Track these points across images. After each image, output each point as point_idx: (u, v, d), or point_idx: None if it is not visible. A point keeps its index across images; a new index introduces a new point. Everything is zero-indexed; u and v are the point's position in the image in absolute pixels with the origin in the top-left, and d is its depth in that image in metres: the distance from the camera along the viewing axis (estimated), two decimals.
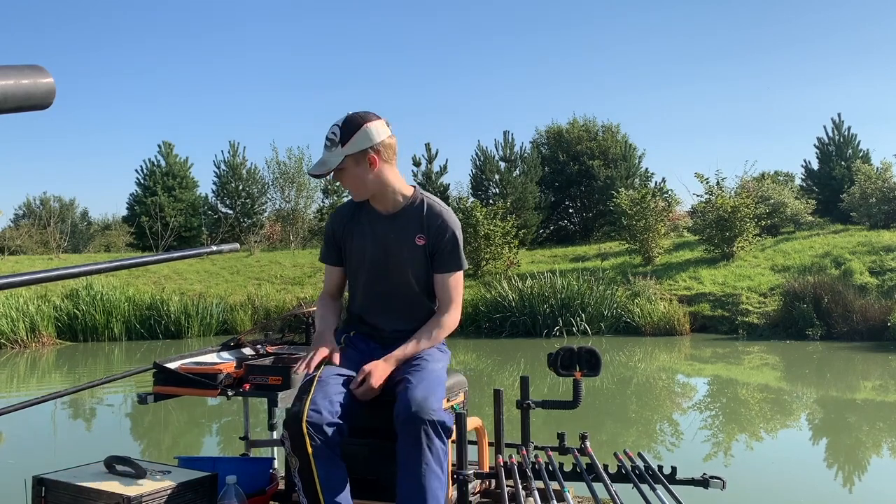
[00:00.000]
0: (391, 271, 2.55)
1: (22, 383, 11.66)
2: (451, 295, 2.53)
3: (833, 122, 25.04)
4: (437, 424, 2.20)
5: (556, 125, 27.48)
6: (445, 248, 2.51)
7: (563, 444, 2.85)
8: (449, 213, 2.57)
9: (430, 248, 2.52)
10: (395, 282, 2.56)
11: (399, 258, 2.53)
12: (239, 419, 6.95)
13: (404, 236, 2.52)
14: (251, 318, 16.24)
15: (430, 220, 2.53)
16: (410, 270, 2.54)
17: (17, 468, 5.94)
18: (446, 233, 2.51)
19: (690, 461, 6.04)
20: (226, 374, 2.83)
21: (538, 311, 14.99)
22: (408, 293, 2.57)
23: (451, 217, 2.56)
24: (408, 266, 2.53)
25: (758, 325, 14.28)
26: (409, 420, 2.19)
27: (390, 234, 2.54)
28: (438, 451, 2.21)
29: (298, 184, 25.47)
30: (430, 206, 2.55)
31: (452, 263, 2.53)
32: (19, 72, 0.78)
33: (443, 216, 2.54)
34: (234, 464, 2.86)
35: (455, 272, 2.54)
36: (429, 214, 2.53)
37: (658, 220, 18.17)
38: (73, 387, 3.11)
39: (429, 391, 2.26)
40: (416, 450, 2.18)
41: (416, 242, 2.51)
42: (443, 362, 2.52)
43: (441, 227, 2.52)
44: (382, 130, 2.46)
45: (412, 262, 2.53)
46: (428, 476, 2.18)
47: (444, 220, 2.53)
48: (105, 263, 1.28)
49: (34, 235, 26.76)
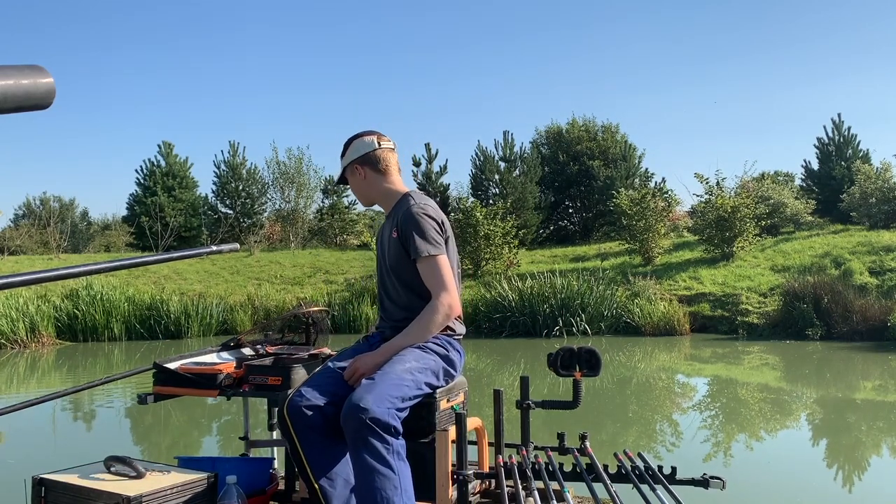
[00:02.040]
0: (387, 269, 2.70)
1: (22, 383, 11.66)
2: (430, 280, 2.55)
3: (833, 122, 25.06)
4: (368, 421, 2.20)
5: (556, 125, 27.50)
6: (407, 235, 2.57)
7: (563, 445, 2.86)
8: (415, 203, 2.62)
9: (401, 239, 2.60)
10: (390, 279, 2.69)
11: (388, 256, 2.69)
12: (239, 419, 6.95)
13: (388, 233, 2.69)
14: (251, 318, 16.24)
15: (397, 213, 2.66)
16: (395, 266, 2.65)
17: (17, 468, 5.95)
18: (406, 220, 2.58)
19: (690, 461, 6.04)
20: (226, 374, 2.84)
21: (538, 311, 14.99)
22: (400, 289, 2.65)
23: (416, 208, 2.59)
24: (393, 262, 2.65)
25: (758, 325, 14.29)
26: (344, 420, 2.25)
27: (384, 235, 2.73)
28: (375, 449, 2.21)
29: (298, 184, 25.48)
30: (403, 200, 2.68)
31: (414, 249, 2.55)
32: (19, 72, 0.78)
33: (407, 206, 2.62)
34: (234, 464, 2.86)
35: (421, 257, 2.54)
36: (398, 207, 2.67)
37: (658, 220, 18.18)
38: (73, 387, 3.11)
39: (368, 391, 2.26)
40: (354, 448, 2.25)
41: (392, 237, 2.64)
42: (414, 362, 2.45)
43: (404, 216, 2.60)
44: (369, 144, 2.72)
45: (395, 258, 2.65)
46: (367, 475, 2.20)
47: (406, 210, 2.60)
48: (105, 263, 1.28)
49: (34, 235, 26.76)
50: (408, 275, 2.61)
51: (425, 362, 2.48)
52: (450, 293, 2.54)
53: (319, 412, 2.31)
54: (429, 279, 2.55)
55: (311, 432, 2.29)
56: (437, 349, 2.56)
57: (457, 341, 2.66)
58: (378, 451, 2.21)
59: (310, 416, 2.29)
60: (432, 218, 2.59)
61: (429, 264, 2.55)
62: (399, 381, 2.35)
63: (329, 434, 2.31)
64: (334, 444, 2.32)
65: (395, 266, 2.64)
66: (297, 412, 2.30)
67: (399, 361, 2.42)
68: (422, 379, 2.44)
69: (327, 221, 26.78)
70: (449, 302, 2.53)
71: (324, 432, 2.31)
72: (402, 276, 2.63)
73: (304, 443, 2.29)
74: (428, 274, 2.55)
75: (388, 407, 2.25)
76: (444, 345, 2.58)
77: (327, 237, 26.54)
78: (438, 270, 2.55)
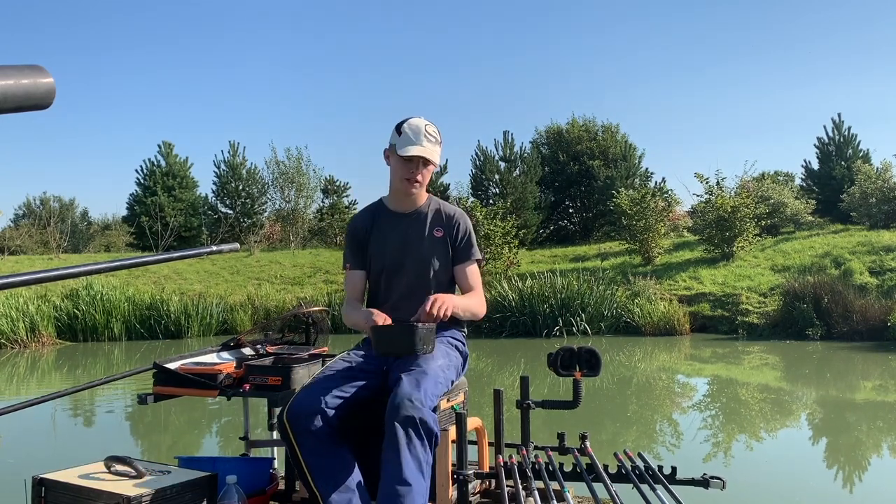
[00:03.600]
0: (412, 263, 2.71)
1: (22, 383, 11.65)
2: (474, 281, 2.76)
3: (833, 122, 25.06)
4: (418, 422, 2.20)
5: (556, 125, 27.50)
6: (463, 237, 2.75)
7: (563, 444, 2.85)
8: (458, 208, 2.87)
9: (450, 239, 2.74)
10: (414, 275, 2.71)
11: (420, 253, 2.70)
12: (239, 419, 6.95)
13: (422, 232, 2.73)
14: (251, 318, 16.23)
15: (443, 215, 2.77)
16: (433, 263, 2.71)
17: (17, 468, 5.94)
18: (461, 224, 2.76)
19: (690, 461, 6.04)
20: (226, 374, 2.83)
21: (538, 311, 14.99)
22: (425, 285, 2.69)
23: (464, 214, 2.84)
24: (430, 258, 2.71)
25: (758, 325, 14.28)
26: (391, 416, 2.22)
27: (410, 231, 2.74)
28: (417, 451, 2.20)
29: (298, 184, 25.47)
30: (439, 202, 2.82)
31: (471, 252, 2.76)
32: (19, 72, 0.78)
33: (453, 209, 2.82)
34: (234, 464, 2.86)
35: (473, 259, 2.76)
36: (442, 209, 2.78)
37: (658, 220, 18.17)
38: (73, 387, 3.11)
39: (416, 388, 2.26)
40: (395, 443, 2.20)
41: (435, 235, 2.73)
42: (445, 359, 2.49)
43: (458, 219, 2.77)
44: None
45: (436, 256, 2.71)
46: (406, 475, 2.17)
47: (459, 213, 2.80)
48: (105, 263, 1.27)
49: (34, 235, 26.76)
50: (440, 275, 2.73)
51: (450, 359, 2.56)
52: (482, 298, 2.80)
53: (319, 418, 2.29)
54: (474, 280, 2.77)
55: (311, 438, 2.28)
56: (458, 345, 2.69)
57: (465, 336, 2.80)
58: (419, 452, 2.21)
59: (310, 421, 2.27)
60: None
61: (476, 267, 2.79)
62: (437, 379, 2.39)
63: (329, 439, 2.30)
64: (335, 449, 2.31)
65: (432, 265, 2.71)
66: (298, 418, 2.28)
67: (433, 357, 2.44)
68: (450, 376, 2.51)
69: (327, 221, 26.79)
70: (483, 303, 2.80)
71: (324, 437, 2.29)
72: (436, 275, 2.72)
73: (304, 448, 2.28)
74: (475, 275, 2.78)
75: (431, 406, 2.29)
76: (463, 340, 2.74)
77: (327, 237, 26.55)
78: (479, 273, 2.82)
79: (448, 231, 2.73)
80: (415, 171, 2.65)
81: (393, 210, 2.77)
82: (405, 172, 2.65)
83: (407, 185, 2.67)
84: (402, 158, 2.62)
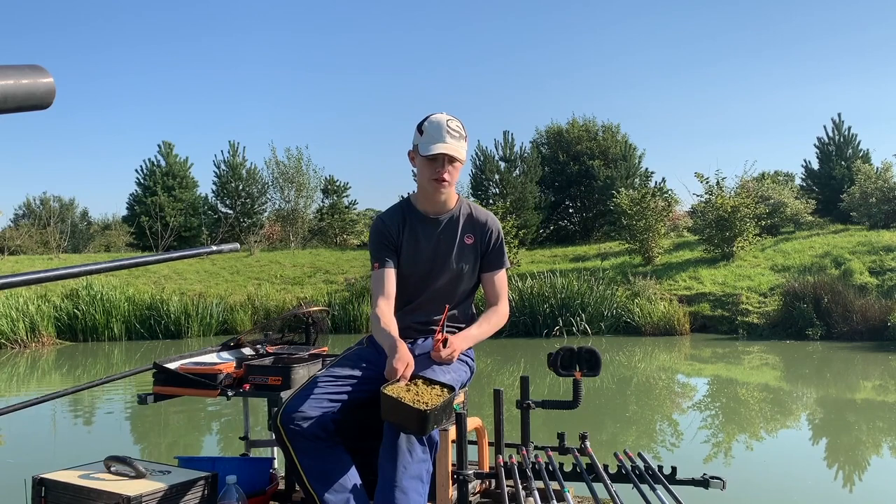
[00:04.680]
0: (442, 270, 2.65)
1: (22, 383, 11.65)
2: (500, 290, 2.71)
3: (833, 122, 25.06)
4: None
5: (556, 125, 27.49)
6: (495, 246, 2.70)
7: (563, 444, 2.85)
8: (493, 216, 2.77)
9: (481, 246, 2.68)
10: (445, 279, 2.66)
11: (451, 259, 2.65)
12: (239, 419, 6.95)
13: (453, 238, 2.66)
14: (251, 318, 16.23)
15: (466, 218, 2.69)
16: (461, 270, 2.66)
17: (17, 468, 5.95)
18: (494, 232, 2.70)
19: (690, 461, 6.03)
20: (226, 374, 2.83)
21: (538, 311, 14.99)
22: (458, 293, 2.67)
23: (496, 220, 2.76)
24: (460, 265, 2.66)
25: (758, 325, 14.28)
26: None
27: (442, 236, 2.66)
28: (418, 458, 2.21)
29: (298, 184, 25.47)
30: (472, 207, 2.74)
31: (502, 261, 2.71)
32: (19, 72, 0.78)
33: (487, 216, 2.73)
34: (234, 464, 2.86)
35: (502, 269, 2.72)
36: (475, 214, 2.71)
37: (658, 220, 18.17)
38: (73, 387, 3.11)
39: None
40: (394, 453, 2.20)
41: (465, 242, 2.66)
42: (453, 374, 2.46)
43: (491, 226, 2.71)
44: None
45: (465, 262, 2.66)
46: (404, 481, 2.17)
47: (493, 220, 2.73)
48: (105, 263, 1.27)
49: (34, 235, 26.75)
50: (469, 281, 2.69)
51: (458, 374, 2.52)
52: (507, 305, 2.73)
53: (314, 421, 2.27)
54: (501, 289, 2.71)
55: (306, 441, 2.26)
56: (468, 360, 2.64)
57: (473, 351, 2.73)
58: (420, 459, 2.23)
59: (304, 426, 2.26)
60: None
61: (503, 276, 2.74)
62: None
63: (324, 440, 2.29)
64: (330, 450, 2.30)
65: (462, 272, 2.65)
66: (291, 422, 2.26)
67: (441, 372, 2.42)
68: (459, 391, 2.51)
69: (327, 221, 26.79)
70: (507, 311, 2.73)
71: (318, 439, 2.28)
72: (465, 282, 2.68)
73: (299, 451, 2.27)
74: (501, 284, 2.72)
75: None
76: (472, 356, 2.68)
77: (327, 237, 26.55)
78: (505, 283, 2.75)
79: (479, 238, 2.67)
80: (440, 169, 2.52)
81: (423, 212, 2.65)
82: (431, 172, 2.54)
83: (435, 185, 2.55)
84: (427, 158, 2.51)
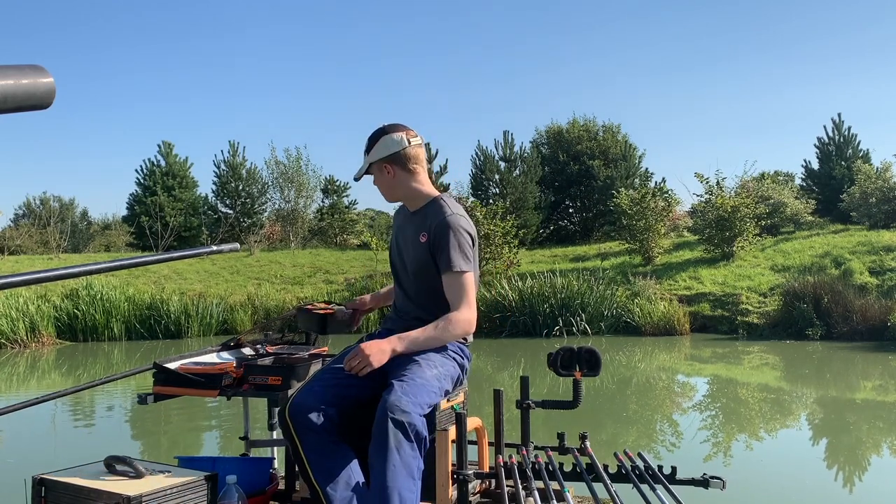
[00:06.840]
0: (406, 267, 2.65)
1: (22, 383, 11.65)
2: (454, 295, 2.49)
3: (833, 122, 25.07)
4: (407, 426, 2.20)
5: (556, 125, 27.50)
6: (441, 246, 2.50)
7: (563, 444, 2.85)
8: (451, 213, 2.54)
9: (431, 247, 2.53)
10: (409, 280, 2.65)
11: (411, 258, 2.62)
12: (239, 419, 6.95)
13: (414, 235, 2.61)
14: (251, 318, 16.23)
15: (428, 217, 2.57)
16: (418, 270, 2.59)
17: (17, 468, 5.95)
18: (442, 231, 2.50)
19: (690, 461, 6.04)
20: (226, 374, 2.83)
21: (538, 310, 14.99)
22: (422, 292, 2.61)
23: (453, 218, 2.52)
24: (417, 266, 2.59)
25: (758, 324, 14.28)
26: (380, 420, 2.22)
27: (407, 233, 2.65)
28: (407, 454, 2.20)
29: (298, 184, 25.47)
30: (436, 205, 2.59)
31: (445, 262, 2.49)
32: (19, 72, 0.78)
33: (443, 215, 2.53)
34: (234, 464, 2.86)
35: (452, 271, 2.48)
36: (431, 213, 2.57)
37: (658, 220, 18.17)
38: (73, 387, 3.11)
39: (407, 394, 2.26)
40: (383, 449, 2.19)
41: (420, 240, 2.57)
42: (440, 368, 2.45)
43: (439, 225, 2.50)
44: (399, 142, 2.57)
45: (419, 263, 2.58)
46: (395, 478, 2.16)
47: (443, 220, 2.51)
48: (105, 263, 1.27)
49: (34, 235, 26.75)
50: (431, 280, 2.55)
51: (447, 369, 2.49)
52: (471, 310, 2.49)
53: (321, 414, 2.30)
54: (453, 293, 2.49)
55: (313, 434, 2.28)
56: (456, 356, 2.57)
57: (468, 348, 2.66)
58: (409, 455, 2.21)
59: (311, 418, 2.28)
60: (467, 232, 2.52)
61: (457, 279, 2.49)
62: (430, 388, 2.35)
63: (331, 436, 2.31)
64: (336, 446, 2.32)
65: (418, 270, 2.58)
66: (299, 414, 2.29)
67: (427, 366, 2.39)
68: (444, 386, 2.45)
69: (327, 221, 26.78)
70: (469, 318, 2.48)
71: (325, 434, 2.30)
72: (426, 280, 2.57)
73: (306, 445, 2.28)
74: (454, 288, 2.49)
75: (421, 413, 2.26)
76: (461, 352, 2.59)
77: (327, 237, 26.54)
78: (464, 287, 2.49)
79: (430, 237, 2.53)
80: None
81: (408, 210, 2.71)
82: None
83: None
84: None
